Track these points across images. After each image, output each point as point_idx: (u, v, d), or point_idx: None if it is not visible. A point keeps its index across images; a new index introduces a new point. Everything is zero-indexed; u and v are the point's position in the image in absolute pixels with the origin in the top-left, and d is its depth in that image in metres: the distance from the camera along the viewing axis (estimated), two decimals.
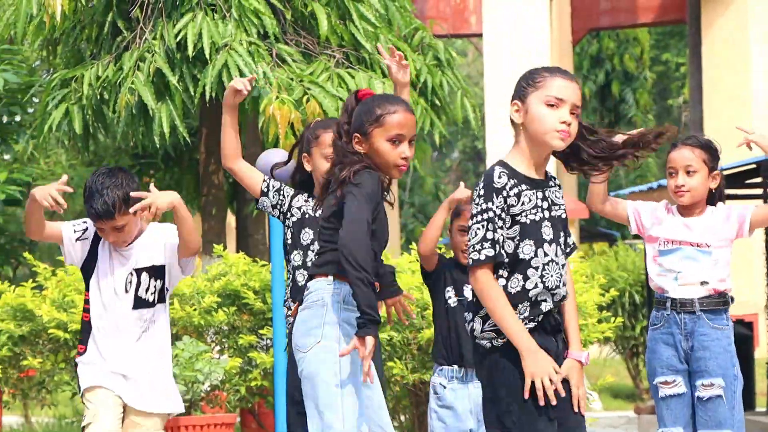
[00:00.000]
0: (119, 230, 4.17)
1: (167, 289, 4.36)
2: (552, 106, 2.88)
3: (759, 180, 7.90)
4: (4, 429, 9.15)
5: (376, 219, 3.10)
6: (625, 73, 20.50)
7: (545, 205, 2.93)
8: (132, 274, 4.30)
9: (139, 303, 4.29)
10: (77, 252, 4.34)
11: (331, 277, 3.15)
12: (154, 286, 4.35)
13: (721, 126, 12.44)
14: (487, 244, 2.88)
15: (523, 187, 2.86)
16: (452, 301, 4.31)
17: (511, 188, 2.84)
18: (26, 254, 7.39)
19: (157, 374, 4.36)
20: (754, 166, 7.60)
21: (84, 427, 4.35)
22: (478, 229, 2.83)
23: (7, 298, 6.48)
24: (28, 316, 6.38)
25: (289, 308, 3.93)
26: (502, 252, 2.88)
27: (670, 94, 24.79)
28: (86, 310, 4.37)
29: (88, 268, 4.32)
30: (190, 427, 5.73)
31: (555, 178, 3.00)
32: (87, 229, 4.31)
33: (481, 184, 2.85)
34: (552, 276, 2.90)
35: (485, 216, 2.85)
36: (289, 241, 4.10)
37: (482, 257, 2.85)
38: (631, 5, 15.90)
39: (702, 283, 4.00)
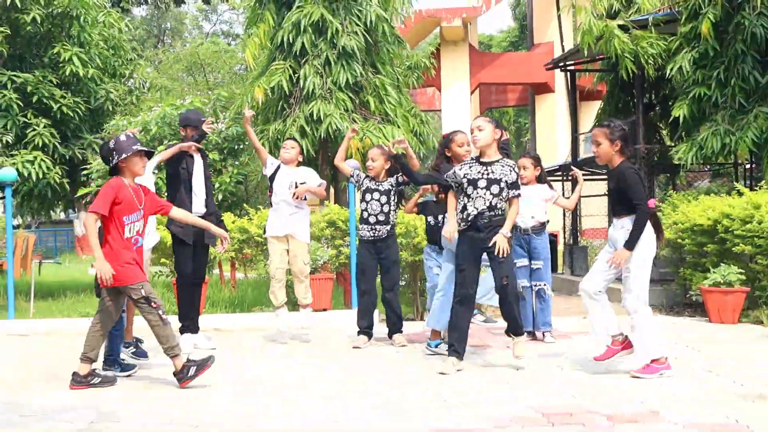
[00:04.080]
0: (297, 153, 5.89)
1: (306, 198, 6.18)
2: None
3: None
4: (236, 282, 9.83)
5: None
6: None
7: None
8: (292, 184, 6.14)
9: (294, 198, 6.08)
10: (270, 169, 6.12)
11: None
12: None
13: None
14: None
15: None
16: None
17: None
18: (245, 205, 10.51)
19: (307, 230, 6.07)
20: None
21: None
22: None
23: (242, 224, 8.92)
24: (244, 230, 9.03)
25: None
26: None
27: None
28: (270, 196, 6.13)
29: (273, 176, 6.19)
30: (312, 279, 7.19)
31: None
32: (274, 164, 6.14)
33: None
34: None
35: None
36: (360, 198, 5.93)
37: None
38: (504, 94, 24.74)
39: (532, 217, 6.26)
